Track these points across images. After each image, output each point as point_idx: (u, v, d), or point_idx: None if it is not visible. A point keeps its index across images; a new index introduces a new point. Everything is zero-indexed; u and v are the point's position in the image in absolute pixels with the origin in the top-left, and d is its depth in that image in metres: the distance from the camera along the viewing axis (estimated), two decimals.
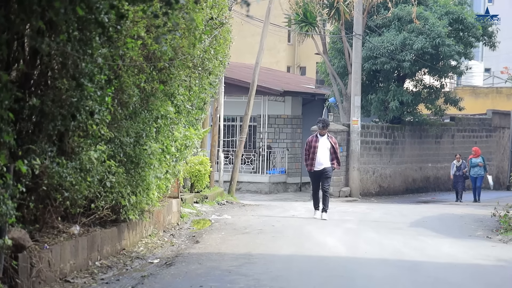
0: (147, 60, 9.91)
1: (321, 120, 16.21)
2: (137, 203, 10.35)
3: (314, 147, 15.84)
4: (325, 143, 15.85)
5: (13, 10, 6.51)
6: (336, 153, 15.95)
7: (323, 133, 15.93)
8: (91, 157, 8.51)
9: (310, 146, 15.91)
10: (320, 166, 15.78)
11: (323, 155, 15.78)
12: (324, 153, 15.79)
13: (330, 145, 15.86)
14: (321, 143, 15.84)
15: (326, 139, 15.92)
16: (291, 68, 47.32)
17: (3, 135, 6.44)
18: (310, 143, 15.96)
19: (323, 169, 15.76)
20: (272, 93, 28.87)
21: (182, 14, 9.25)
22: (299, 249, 11.39)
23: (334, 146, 15.89)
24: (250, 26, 29.05)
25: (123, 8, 6.66)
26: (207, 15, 12.31)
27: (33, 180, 7.86)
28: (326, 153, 15.81)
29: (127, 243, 10.63)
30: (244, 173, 28.26)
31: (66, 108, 7.86)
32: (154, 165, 10.67)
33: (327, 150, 15.81)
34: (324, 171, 15.78)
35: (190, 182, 18.49)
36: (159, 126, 10.92)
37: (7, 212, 6.59)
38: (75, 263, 8.63)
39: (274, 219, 15.76)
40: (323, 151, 15.79)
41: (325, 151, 15.80)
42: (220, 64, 14.01)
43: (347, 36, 26.83)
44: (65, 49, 7.36)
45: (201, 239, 12.21)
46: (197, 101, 13.50)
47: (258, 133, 29.91)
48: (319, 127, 16.00)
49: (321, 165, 15.78)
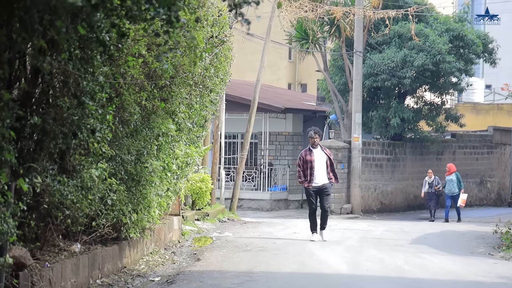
0: (148, 78, 9.94)
1: (313, 128, 15.18)
2: (138, 220, 10.34)
3: (310, 161, 14.77)
4: (320, 156, 14.84)
5: (15, 29, 6.55)
6: (333, 166, 14.97)
7: (315, 145, 14.86)
8: (92, 175, 8.52)
9: (305, 161, 14.81)
10: (319, 182, 14.80)
11: (321, 170, 14.78)
12: (321, 167, 14.79)
13: (326, 157, 14.86)
14: (316, 156, 14.81)
15: (320, 151, 14.90)
16: (292, 85, 47.40)
17: (5, 154, 6.45)
18: (304, 158, 14.83)
19: (322, 185, 14.78)
20: (273, 110, 28.93)
21: (183, 32, 9.29)
22: (300, 266, 11.36)
23: (330, 158, 14.92)
24: (251, 44, 29.15)
25: (124, 27, 6.69)
26: (208, 33, 12.36)
27: (34, 198, 7.87)
28: (323, 167, 14.79)
29: (128, 261, 10.61)
30: (246, 190, 28.26)
31: (67, 126, 7.88)
32: (155, 182, 10.67)
33: (324, 163, 14.80)
34: (323, 188, 14.82)
35: (191, 199, 18.48)
36: (160, 143, 10.93)
37: (8, 231, 6.59)
38: (76, 281, 8.62)
39: (275, 236, 15.73)
40: (320, 165, 14.79)
41: (322, 165, 14.79)
42: (221, 81, 14.04)
43: (347, 53, 26.90)
44: (66, 68, 7.39)
45: (203, 257, 12.19)
46: (198, 119, 13.52)
47: (259, 150, 29.93)
48: (310, 136, 14.87)
49: (320, 180, 14.80)
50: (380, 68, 26.72)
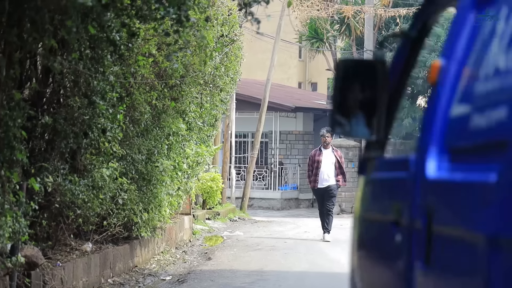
0: (158, 78, 9.95)
1: (326, 128, 15.04)
2: (149, 220, 10.36)
3: (318, 161, 14.64)
4: (329, 156, 14.68)
5: (26, 29, 6.57)
6: (342, 168, 14.71)
7: (327, 146, 14.75)
8: (103, 174, 8.54)
9: (314, 161, 14.71)
10: (325, 183, 14.61)
11: (328, 171, 14.60)
12: (328, 168, 14.60)
13: (335, 159, 14.67)
14: (325, 156, 14.65)
15: (330, 152, 14.74)
16: (302, 84, 47.37)
17: (16, 153, 6.48)
18: (313, 157, 14.76)
19: (328, 186, 14.59)
20: (283, 109, 28.91)
21: (193, 31, 9.29)
22: (311, 265, 11.36)
23: (339, 160, 14.68)
24: (261, 43, 29.14)
25: (134, 27, 6.70)
26: (218, 33, 12.37)
27: (45, 198, 7.90)
28: (331, 168, 14.61)
29: (140, 260, 10.64)
30: (256, 189, 28.25)
31: (78, 126, 7.90)
32: (166, 182, 10.69)
33: (332, 164, 14.63)
34: (328, 189, 14.62)
35: (202, 198, 18.50)
36: (170, 143, 10.95)
37: (20, 230, 6.62)
38: (87, 281, 8.64)
39: (286, 236, 15.73)
40: (328, 166, 14.60)
41: (329, 165, 14.61)
42: (231, 80, 14.05)
43: (358, 52, 26.87)
44: (77, 68, 7.41)
45: (213, 256, 12.20)
46: (209, 118, 13.54)
47: (270, 149, 29.92)
48: (322, 134, 14.76)
49: (325, 181, 14.61)
50: None
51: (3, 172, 6.44)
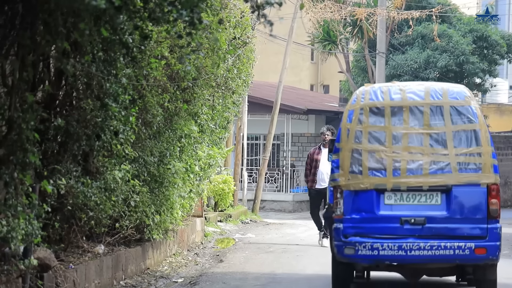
0: (170, 80, 9.96)
1: (326, 126, 14.34)
2: (161, 222, 10.37)
3: (316, 160, 13.81)
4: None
5: (39, 32, 6.59)
6: None
7: (327, 144, 13.38)
8: (116, 176, 8.55)
9: (312, 160, 13.92)
10: (323, 184, 13.63)
11: (327, 170, 13.13)
12: (328, 168, 12.72)
13: None
14: (324, 156, 13.64)
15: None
16: (314, 86, 47.30)
17: (29, 156, 6.50)
18: (312, 156, 13.94)
19: (325, 188, 13.30)
20: (295, 111, 28.88)
21: (205, 34, 9.30)
22: (323, 268, 11.32)
23: None
24: (273, 45, 29.12)
25: (147, 29, 6.70)
26: (231, 35, 12.37)
27: (58, 200, 7.91)
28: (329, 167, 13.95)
29: (152, 262, 10.64)
30: (268, 192, 28.22)
31: (90, 128, 7.92)
32: (178, 184, 10.69)
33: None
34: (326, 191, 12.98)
35: (214, 201, 18.50)
36: (182, 145, 10.95)
37: (33, 232, 6.63)
38: (100, 283, 8.65)
39: (298, 238, 15.70)
40: (327, 166, 13.01)
41: (328, 165, 13.07)
42: (243, 83, 14.04)
43: (370, 54, 26.80)
44: (89, 70, 7.42)
45: (225, 258, 12.19)
46: (221, 120, 13.53)
47: (282, 152, 29.89)
48: (322, 132, 13.94)
49: (323, 182, 13.64)
50: (403, 69, 26.60)
51: (16, 174, 6.46)
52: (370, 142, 8.51)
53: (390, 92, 8.68)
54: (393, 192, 8.44)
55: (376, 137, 8.52)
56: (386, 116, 8.54)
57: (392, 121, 8.53)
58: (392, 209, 8.43)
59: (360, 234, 8.43)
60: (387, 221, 8.40)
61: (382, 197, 8.45)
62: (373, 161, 8.49)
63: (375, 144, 8.49)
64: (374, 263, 8.60)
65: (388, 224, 8.40)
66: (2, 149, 6.46)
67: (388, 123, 8.53)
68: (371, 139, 8.51)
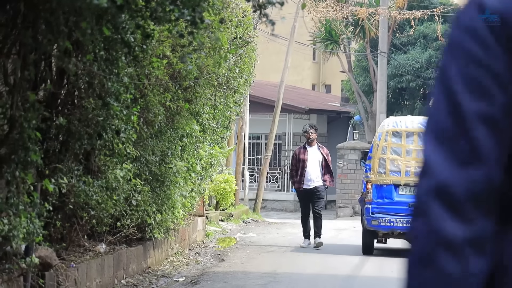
0: (172, 79, 9.97)
1: (309, 123, 14.33)
2: (163, 221, 10.38)
3: (303, 160, 13.57)
4: (315, 155, 13.63)
5: (41, 30, 6.59)
6: (329, 167, 13.65)
7: (312, 143, 13.74)
8: (117, 175, 8.56)
9: (298, 160, 13.65)
10: (311, 184, 13.58)
11: (314, 170, 13.55)
12: (314, 168, 13.56)
13: (321, 157, 13.61)
14: (310, 155, 13.62)
15: (316, 150, 13.69)
16: (316, 86, 47.31)
17: (31, 154, 6.50)
18: (297, 156, 13.71)
19: (314, 188, 13.57)
20: (297, 111, 28.89)
21: (207, 33, 9.30)
22: (324, 267, 11.34)
23: (326, 158, 13.64)
24: (275, 45, 29.14)
25: (149, 28, 6.71)
26: (232, 34, 12.38)
27: (59, 199, 7.92)
28: (317, 167, 13.56)
29: (153, 261, 10.65)
30: (269, 191, 28.24)
31: (92, 127, 7.92)
32: (179, 183, 10.70)
33: (318, 163, 13.56)
34: (315, 191, 13.59)
35: (215, 200, 18.51)
36: (184, 144, 10.96)
37: (34, 231, 6.64)
38: (101, 282, 8.66)
39: (299, 237, 15.71)
40: (314, 165, 13.55)
41: (315, 165, 13.56)
42: (245, 82, 14.05)
43: (372, 54, 26.81)
44: (91, 69, 7.43)
45: (226, 258, 12.20)
46: (222, 120, 13.54)
47: (283, 151, 29.90)
48: (305, 130, 13.86)
49: (311, 182, 13.57)
50: (405, 69, 26.59)
51: (18, 173, 6.47)
52: (391, 153, 12.65)
53: (405, 122, 12.86)
54: (404, 186, 12.54)
55: (395, 150, 12.65)
56: (402, 138, 12.72)
57: (406, 141, 12.65)
58: (403, 197, 12.47)
59: (382, 212, 12.51)
60: (399, 205, 12.41)
61: (397, 189, 12.61)
62: (393, 166, 12.64)
63: (394, 155, 12.63)
64: (390, 231, 12.65)
65: (400, 206, 12.39)
66: (4, 148, 6.47)
67: (404, 142, 12.67)
68: (392, 152, 12.64)
